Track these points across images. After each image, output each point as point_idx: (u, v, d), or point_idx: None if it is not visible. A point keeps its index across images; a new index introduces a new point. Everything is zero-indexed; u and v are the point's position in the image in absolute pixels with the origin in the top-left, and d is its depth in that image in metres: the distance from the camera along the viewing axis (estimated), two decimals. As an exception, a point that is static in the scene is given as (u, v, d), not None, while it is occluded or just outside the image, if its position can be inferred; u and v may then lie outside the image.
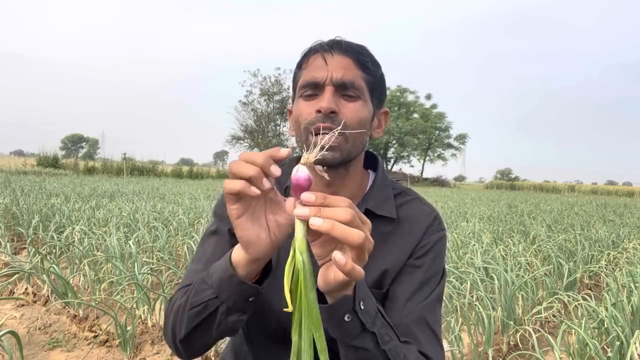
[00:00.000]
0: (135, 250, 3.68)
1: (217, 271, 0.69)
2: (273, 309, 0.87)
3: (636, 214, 12.40)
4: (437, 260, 0.86)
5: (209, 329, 0.72)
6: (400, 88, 50.93)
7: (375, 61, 0.86)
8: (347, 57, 0.81)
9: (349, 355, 0.67)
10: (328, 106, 0.77)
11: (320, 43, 0.84)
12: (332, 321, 0.64)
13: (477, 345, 2.83)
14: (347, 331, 0.64)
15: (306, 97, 0.82)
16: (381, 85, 0.87)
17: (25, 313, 3.17)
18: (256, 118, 37.80)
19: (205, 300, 0.70)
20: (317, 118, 0.78)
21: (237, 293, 0.67)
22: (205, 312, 0.70)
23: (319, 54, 0.82)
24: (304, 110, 0.81)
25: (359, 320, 0.64)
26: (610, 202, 20.51)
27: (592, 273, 4.56)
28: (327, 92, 0.79)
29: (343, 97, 0.80)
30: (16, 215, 5.96)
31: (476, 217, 8.78)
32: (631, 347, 2.23)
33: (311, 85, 0.81)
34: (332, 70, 0.80)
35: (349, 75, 0.80)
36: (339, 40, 0.83)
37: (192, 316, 0.72)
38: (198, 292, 0.71)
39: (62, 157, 32.67)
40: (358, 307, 0.63)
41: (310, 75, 0.81)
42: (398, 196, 0.91)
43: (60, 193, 9.68)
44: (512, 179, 76.79)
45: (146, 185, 16.28)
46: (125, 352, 2.57)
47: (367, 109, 0.83)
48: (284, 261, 0.88)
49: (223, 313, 0.69)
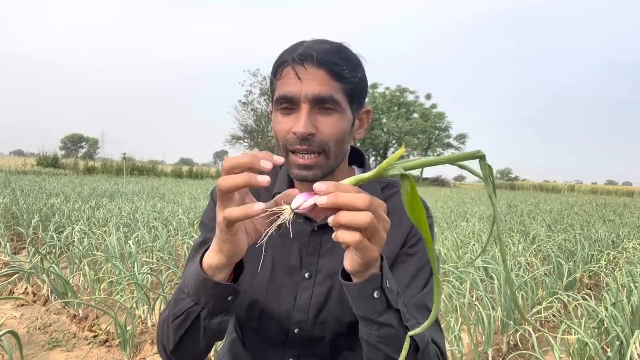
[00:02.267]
0: (135, 250, 3.68)
1: (192, 278, 0.69)
2: (271, 312, 0.87)
3: (636, 214, 12.40)
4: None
5: (196, 336, 0.72)
6: (400, 88, 50.93)
7: (354, 63, 0.81)
8: (321, 69, 0.76)
9: (372, 333, 0.68)
10: (304, 131, 0.75)
11: (293, 54, 0.78)
12: (362, 298, 0.66)
13: (477, 345, 2.83)
14: (374, 308, 0.66)
15: (283, 112, 0.80)
16: (361, 87, 0.83)
17: (25, 313, 3.17)
18: (256, 118, 37.79)
19: (186, 309, 0.70)
20: (294, 140, 0.77)
21: (215, 295, 0.67)
22: (189, 320, 0.70)
23: (291, 68, 0.78)
24: (281, 126, 0.79)
25: (385, 298, 0.66)
26: (610, 202, 20.51)
27: (592, 273, 4.56)
28: (302, 111, 0.77)
29: (319, 112, 0.78)
30: (16, 215, 5.96)
31: (476, 217, 8.78)
32: (631, 347, 2.23)
33: (286, 100, 0.78)
34: (306, 85, 0.76)
35: (325, 90, 0.76)
36: (310, 52, 0.77)
37: (176, 327, 0.72)
38: (178, 302, 0.72)
39: (62, 157, 32.66)
40: (385, 285, 0.65)
41: (284, 89, 0.78)
42: (385, 189, 0.92)
43: (60, 193, 9.68)
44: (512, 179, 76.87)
45: (146, 185, 16.28)
46: (125, 352, 2.57)
47: (346, 120, 0.80)
48: (280, 266, 0.88)
49: (206, 318, 0.70)
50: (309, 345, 0.87)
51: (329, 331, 0.86)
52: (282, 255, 0.89)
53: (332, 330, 0.85)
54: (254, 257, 0.89)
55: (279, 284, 0.87)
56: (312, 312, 0.86)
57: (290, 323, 0.86)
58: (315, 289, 0.86)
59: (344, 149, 0.83)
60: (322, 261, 0.87)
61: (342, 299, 0.85)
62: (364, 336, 0.70)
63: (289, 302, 0.86)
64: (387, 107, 49.14)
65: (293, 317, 0.86)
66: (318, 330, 0.86)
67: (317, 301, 0.86)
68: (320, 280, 0.86)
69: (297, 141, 0.77)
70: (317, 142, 0.77)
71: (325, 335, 0.86)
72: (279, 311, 0.87)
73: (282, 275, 0.88)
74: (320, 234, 0.88)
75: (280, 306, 0.87)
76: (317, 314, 0.86)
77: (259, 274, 0.88)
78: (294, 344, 0.87)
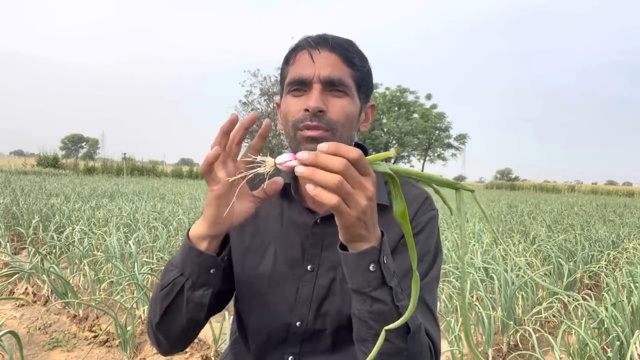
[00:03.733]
0: (135, 250, 3.68)
1: (179, 250, 0.76)
2: (272, 305, 0.87)
3: (636, 214, 12.40)
4: (429, 239, 0.87)
5: (179, 308, 0.76)
6: (400, 88, 50.88)
7: (363, 56, 0.85)
8: (334, 53, 0.81)
9: (364, 308, 0.68)
10: (315, 105, 0.78)
11: (307, 39, 0.83)
12: (357, 269, 0.67)
13: (477, 345, 2.83)
14: (369, 281, 0.67)
15: (294, 94, 0.82)
16: (368, 80, 0.87)
17: (25, 313, 3.17)
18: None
19: (172, 279, 0.75)
20: (304, 116, 0.79)
21: (198, 265, 0.73)
22: (174, 291, 0.75)
23: (306, 51, 0.81)
24: (292, 107, 0.82)
25: (381, 272, 0.67)
26: (610, 202, 20.50)
27: (592, 273, 4.56)
28: (314, 90, 0.79)
29: (330, 93, 0.81)
30: (16, 215, 5.95)
31: (476, 217, 8.78)
32: (631, 347, 2.23)
33: (298, 82, 0.81)
34: (319, 67, 0.80)
35: (336, 72, 0.80)
36: (325, 37, 0.82)
37: (162, 297, 0.77)
38: (165, 274, 0.77)
39: (62, 157, 32.65)
40: (382, 260, 0.66)
41: (297, 72, 0.81)
42: (387, 183, 0.92)
43: (60, 193, 9.67)
44: (512, 179, 76.82)
45: (146, 185, 16.27)
46: (125, 352, 2.57)
47: (354, 105, 0.83)
48: (282, 258, 0.88)
49: (189, 289, 0.74)
50: (310, 340, 0.87)
51: (330, 324, 0.85)
52: (284, 248, 0.89)
53: (333, 323, 0.85)
54: (256, 249, 0.90)
55: (281, 276, 0.87)
56: (314, 305, 0.86)
57: (292, 316, 0.86)
58: (317, 281, 0.86)
59: (350, 135, 0.84)
60: (324, 254, 0.87)
61: (344, 291, 0.85)
62: (356, 312, 0.70)
63: (290, 295, 0.86)
64: (387, 107, 49.08)
65: (295, 309, 0.86)
66: (319, 323, 0.86)
67: (319, 293, 0.86)
68: (323, 273, 0.86)
69: (307, 117, 0.79)
70: (327, 119, 0.79)
71: (326, 327, 0.86)
72: (281, 304, 0.87)
73: (283, 268, 0.88)
74: (322, 226, 0.87)
75: (281, 299, 0.87)
76: (318, 307, 0.86)
77: (260, 266, 0.89)
78: (295, 340, 0.87)
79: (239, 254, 0.91)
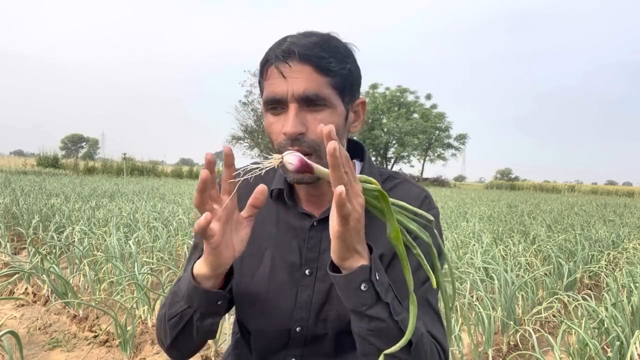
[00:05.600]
0: (135, 250, 3.68)
1: (184, 284, 0.75)
2: (271, 310, 0.86)
3: (636, 214, 12.40)
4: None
5: (189, 335, 0.78)
6: (400, 88, 50.85)
7: (341, 54, 0.78)
8: (306, 65, 0.74)
9: (362, 326, 0.68)
10: (293, 131, 0.74)
11: (275, 52, 0.76)
12: (349, 290, 0.66)
13: (477, 345, 2.83)
14: (362, 300, 0.66)
15: (272, 112, 0.79)
16: (352, 79, 0.80)
17: (25, 313, 3.17)
18: (256, 118, 37.70)
19: (180, 311, 0.76)
20: (285, 142, 0.76)
21: (206, 300, 0.74)
22: (182, 321, 0.77)
23: (274, 67, 0.76)
24: (273, 129, 0.79)
25: (374, 290, 0.66)
26: (610, 202, 20.50)
27: (592, 273, 4.56)
28: (290, 111, 0.75)
29: (308, 109, 0.76)
30: (16, 215, 5.95)
31: (476, 217, 8.77)
32: (631, 347, 2.23)
33: (273, 101, 0.77)
34: (291, 84, 0.74)
35: (311, 86, 0.74)
36: (292, 48, 0.74)
37: (172, 326, 0.78)
38: (172, 304, 0.78)
39: (62, 157, 32.67)
40: (374, 278, 0.66)
41: (271, 90, 0.77)
42: (386, 181, 0.91)
43: (60, 193, 9.67)
44: (512, 179, 76.77)
45: (146, 185, 16.27)
46: (125, 352, 2.57)
47: (337, 114, 0.78)
48: (279, 263, 0.88)
49: (198, 319, 0.75)
50: (312, 344, 0.86)
51: (331, 328, 0.84)
52: (281, 252, 0.87)
53: (334, 327, 0.84)
54: (253, 255, 0.89)
55: (279, 281, 0.86)
56: (314, 310, 0.84)
57: (292, 321, 0.85)
58: (316, 285, 0.85)
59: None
60: (322, 257, 0.85)
61: None
62: (355, 329, 0.70)
63: (289, 300, 0.85)
64: (387, 107, 49.06)
65: (294, 315, 0.85)
66: (320, 328, 0.84)
67: (318, 298, 0.84)
68: (321, 277, 0.85)
69: (288, 142, 0.76)
70: (308, 141, 0.76)
71: (327, 332, 0.84)
72: (280, 309, 0.86)
73: (281, 273, 0.86)
74: (319, 229, 0.86)
75: (281, 304, 0.86)
76: (318, 311, 0.84)
77: (258, 271, 0.88)
78: (297, 344, 0.86)
79: (236, 261, 0.90)
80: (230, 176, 0.67)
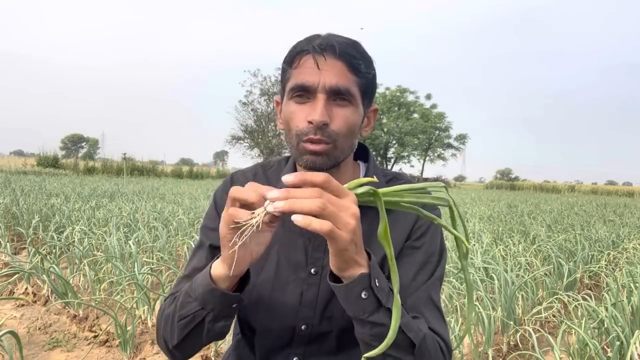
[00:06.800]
0: (135, 250, 3.68)
1: (199, 285, 0.74)
2: (277, 309, 0.87)
3: (636, 214, 12.40)
4: (434, 240, 0.87)
5: (199, 336, 0.77)
6: (400, 88, 50.82)
7: (368, 60, 0.82)
8: (340, 61, 0.78)
9: (365, 332, 0.68)
10: (320, 119, 0.76)
11: (313, 43, 0.79)
12: (349, 298, 0.66)
13: (477, 345, 2.83)
14: (364, 308, 0.67)
15: (297, 100, 0.80)
16: (373, 85, 0.85)
17: (25, 313, 3.17)
18: (256, 118, 37.69)
19: (192, 312, 0.75)
20: (308, 129, 0.78)
21: (221, 303, 0.73)
22: (194, 322, 0.75)
23: (311, 56, 0.78)
24: (295, 116, 0.80)
25: (375, 297, 0.66)
26: (610, 202, 20.50)
27: (592, 273, 4.56)
28: (319, 100, 0.77)
29: (335, 102, 0.79)
30: (16, 215, 5.95)
31: (476, 217, 8.77)
32: (631, 347, 2.23)
33: (302, 89, 0.78)
34: (324, 75, 0.77)
35: (342, 81, 0.77)
36: (332, 42, 0.78)
37: (181, 327, 0.77)
38: (184, 305, 0.76)
39: (62, 157, 32.68)
40: (374, 284, 0.66)
41: (302, 78, 0.78)
42: (390, 182, 0.92)
43: (60, 193, 9.67)
44: (512, 179, 76.78)
45: (146, 185, 16.28)
46: (125, 352, 2.57)
47: (358, 114, 0.82)
48: (285, 262, 0.88)
49: (210, 321, 0.75)
50: (315, 342, 0.87)
51: (336, 326, 0.85)
52: (287, 251, 0.88)
53: (338, 325, 0.85)
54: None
55: (285, 280, 0.87)
56: (319, 308, 0.85)
57: (297, 319, 0.86)
58: (321, 284, 0.85)
59: (352, 143, 0.84)
60: (328, 256, 0.86)
61: None
62: (359, 335, 0.70)
63: (295, 299, 0.86)
64: (387, 107, 49.03)
65: (299, 313, 0.85)
66: (325, 326, 0.85)
67: (324, 296, 0.85)
68: (327, 276, 0.86)
69: (312, 130, 0.77)
70: (330, 132, 0.78)
71: (331, 330, 0.85)
72: (285, 308, 0.86)
73: (287, 272, 0.87)
74: None
75: (286, 302, 0.86)
76: (323, 309, 0.85)
77: (264, 270, 0.88)
78: (300, 342, 0.87)
79: None
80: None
